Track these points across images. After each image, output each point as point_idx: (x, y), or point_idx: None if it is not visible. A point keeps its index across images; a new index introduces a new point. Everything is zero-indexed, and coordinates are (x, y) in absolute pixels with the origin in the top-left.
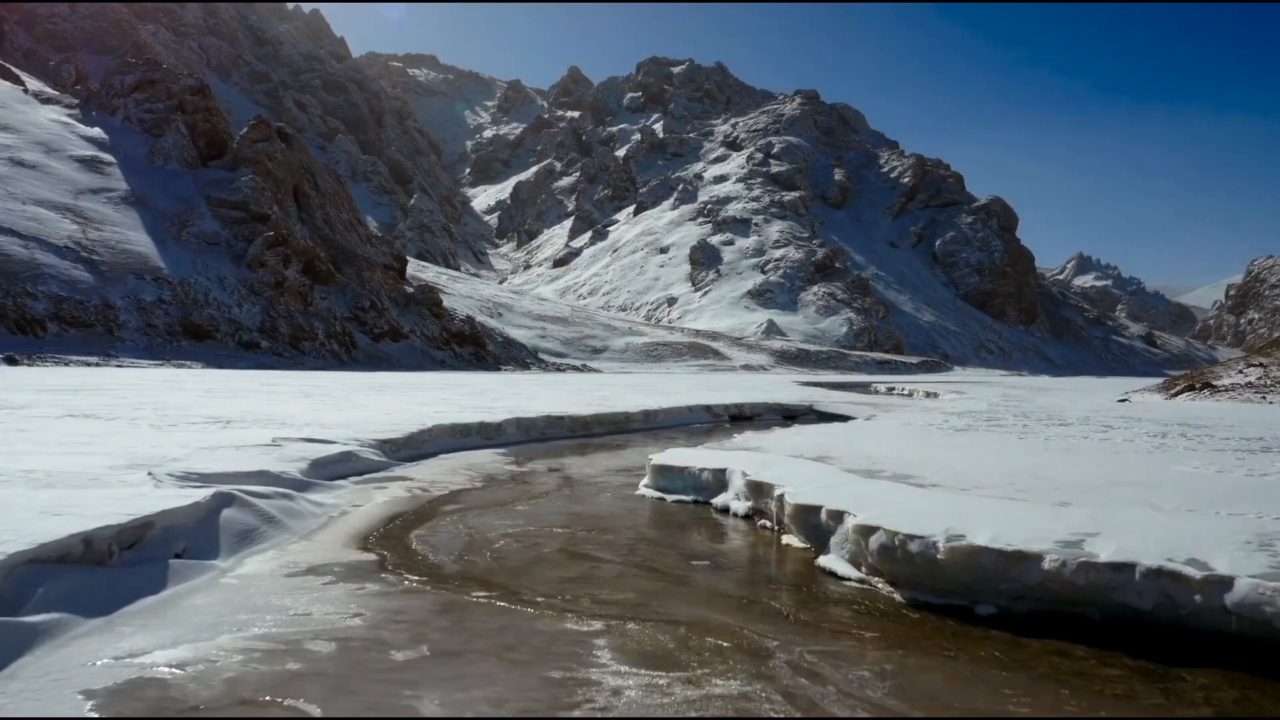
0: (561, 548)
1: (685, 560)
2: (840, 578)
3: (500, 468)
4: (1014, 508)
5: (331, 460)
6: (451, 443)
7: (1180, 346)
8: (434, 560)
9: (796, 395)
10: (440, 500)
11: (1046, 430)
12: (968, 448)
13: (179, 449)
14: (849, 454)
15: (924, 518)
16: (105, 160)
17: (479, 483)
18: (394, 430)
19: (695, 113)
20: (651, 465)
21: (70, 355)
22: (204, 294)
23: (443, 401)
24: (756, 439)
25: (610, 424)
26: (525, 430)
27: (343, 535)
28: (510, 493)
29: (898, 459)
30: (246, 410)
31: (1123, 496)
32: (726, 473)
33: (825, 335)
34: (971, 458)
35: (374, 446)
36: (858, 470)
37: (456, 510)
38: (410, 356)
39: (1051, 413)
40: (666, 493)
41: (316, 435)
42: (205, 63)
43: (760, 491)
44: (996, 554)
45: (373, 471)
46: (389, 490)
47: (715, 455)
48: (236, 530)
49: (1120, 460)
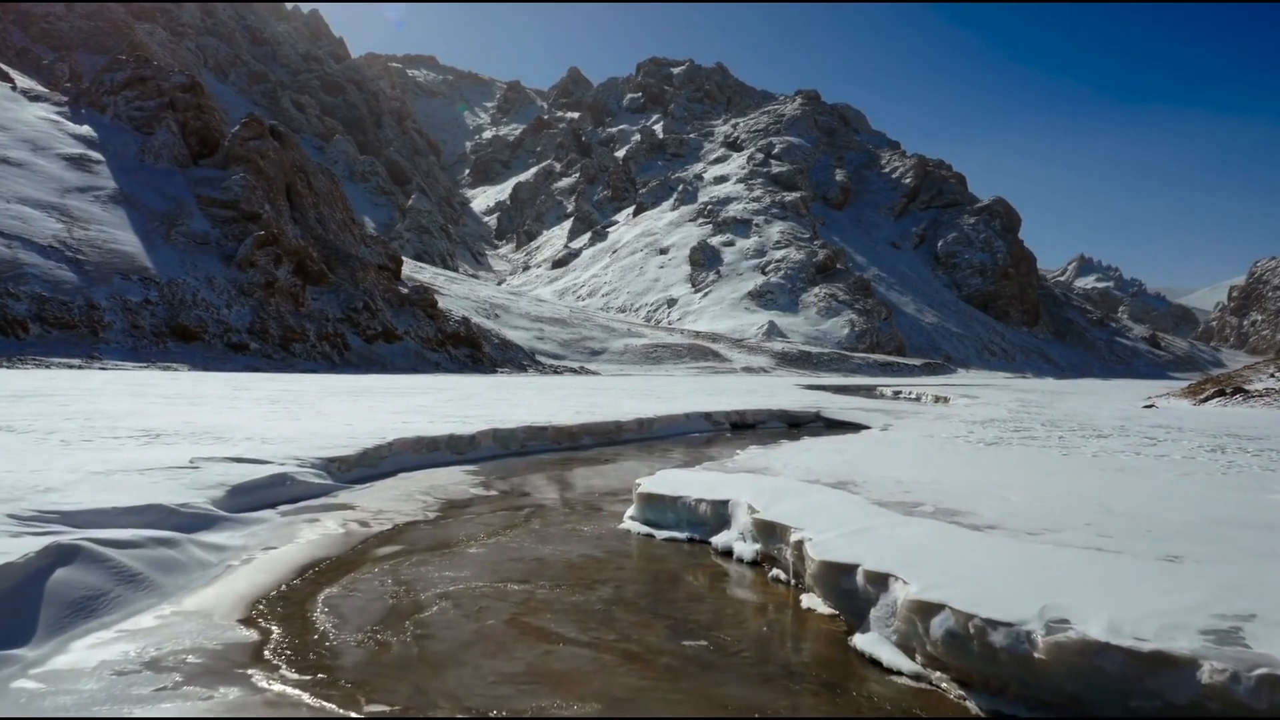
0: (512, 617)
1: (676, 638)
2: (887, 670)
3: (464, 491)
4: (1115, 567)
5: (258, 485)
6: (415, 459)
7: (1184, 348)
8: (333, 642)
9: (801, 400)
10: (377, 539)
11: (1086, 443)
12: (1010, 468)
13: (65, 475)
14: (874, 478)
15: (1000, 585)
16: (94, 158)
17: (433, 512)
18: (347, 446)
19: (695, 113)
20: (639, 493)
21: (53, 357)
22: (192, 294)
23: (419, 409)
24: (762, 456)
25: (599, 434)
26: (502, 443)
27: (228, 598)
28: (466, 528)
29: (934, 485)
30: (190, 420)
31: (1240, 543)
32: (729, 505)
33: (827, 337)
34: (1021, 483)
35: (318, 466)
36: (890, 503)
37: (392, 555)
38: (404, 358)
39: (1081, 421)
40: (656, 527)
41: (251, 453)
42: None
43: (772, 534)
44: (1124, 656)
45: (310, 497)
46: (319, 525)
47: (715, 480)
48: (72, 599)
49: (1196, 485)
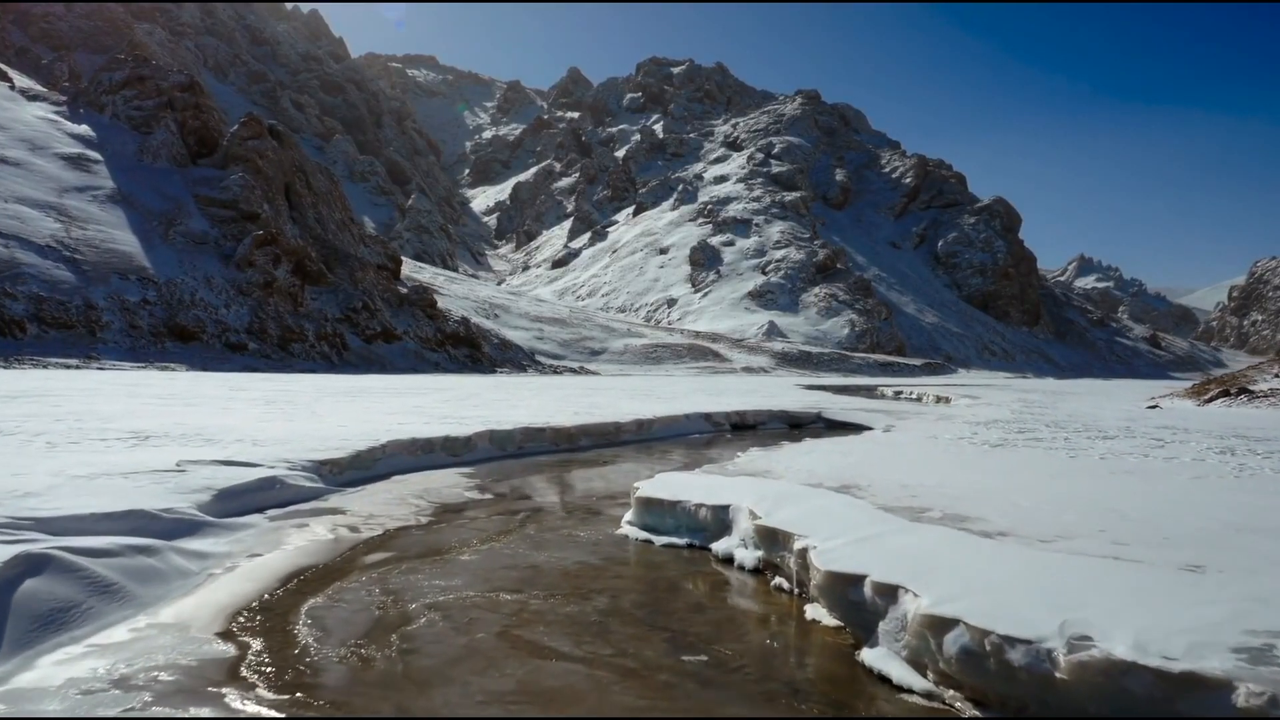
0: (504, 629)
1: (674, 652)
2: (897, 687)
3: (458, 494)
4: (1135, 578)
5: (247, 489)
6: (409, 461)
7: (1184, 348)
8: (314, 657)
9: (802, 401)
10: (366, 546)
11: (1093, 445)
12: (1016, 470)
13: (46, 479)
14: (879, 481)
15: (1016, 598)
16: (92, 158)
17: (426, 517)
18: (339, 448)
19: (695, 113)
20: (637, 497)
21: (50, 357)
22: (190, 294)
23: (415, 410)
24: (764, 458)
25: (598, 435)
26: (499, 444)
27: (207, 609)
28: (459, 533)
29: (941, 489)
30: (182, 422)
31: (1263, 552)
32: (729, 511)
33: (827, 337)
34: (1029, 487)
35: (309, 469)
36: (896, 508)
37: (381, 563)
38: (404, 359)
39: (1085, 421)
40: (655, 533)
41: (241, 456)
42: (202, 62)
43: (774, 541)
44: (1153, 677)
45: (300, 501)
46: (308, 530)
47: (715, 483)
48: (40, 611)
49: (1209, 490)
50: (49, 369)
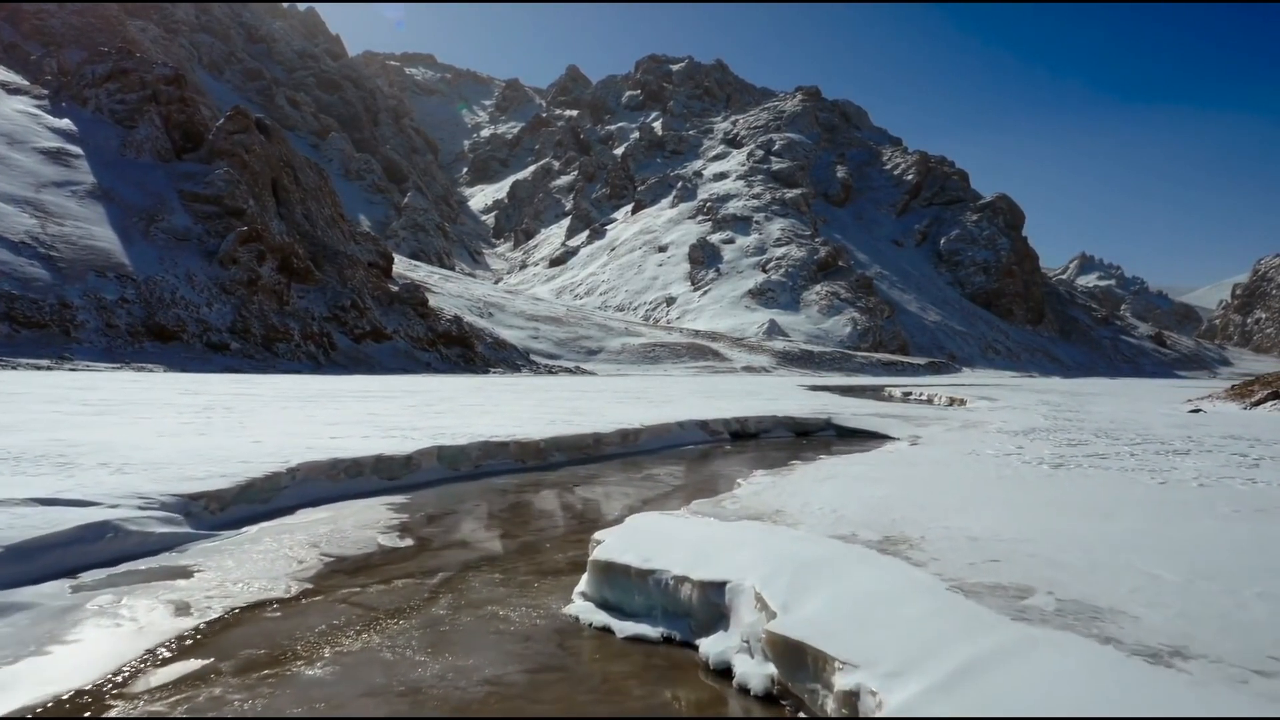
0: None
1: None
2: None
3: (367, 540)
4: None
5: (57, 542)
6: (325, 489)
7: (1190, 347)
8: None
9: (808, 404)
10: (180, 646)
11: (1172, 464)
12: (1110, 509)
13: None
14: (934, 530)
15: None
16: (72, 152)
17: (300, 583)
18: (231, 473)
19: (695, 110)
20: (593, 560)
21: (20, 358)
22: (170, 292)
23: (366, 418)
24: (772, 488)
25: (573, 450)
26: (450, 463)
27: None
28: (332, 616)
29: (1025, 546)
30: (61, 437)
31: None
32: (726, 592)
33: (828, 336)
34: (1150, 541)
35: (172, 507)
36: (977, 587)
37: (182, 683)
38: (394, 358)
39: (1136, 430)
40: (618, 614)
41: (86, 486)
42: (197, 59)
43: (800, 662)
44: None
45: (141, 555)
46: (111, 613)
47: (706, 534)
48: None
49: None
50: (19, 370)
